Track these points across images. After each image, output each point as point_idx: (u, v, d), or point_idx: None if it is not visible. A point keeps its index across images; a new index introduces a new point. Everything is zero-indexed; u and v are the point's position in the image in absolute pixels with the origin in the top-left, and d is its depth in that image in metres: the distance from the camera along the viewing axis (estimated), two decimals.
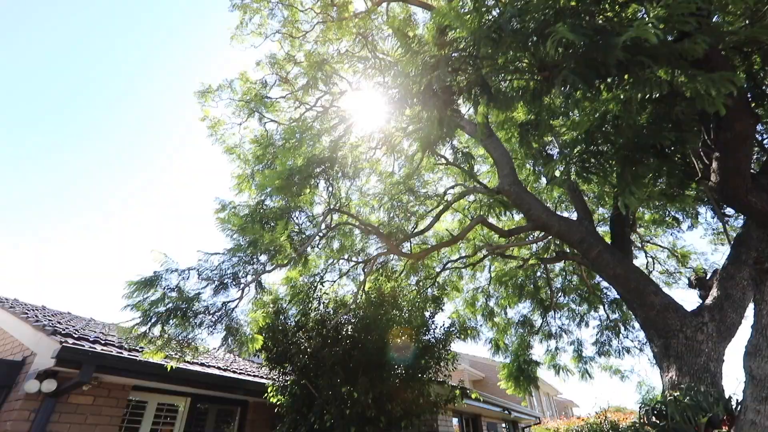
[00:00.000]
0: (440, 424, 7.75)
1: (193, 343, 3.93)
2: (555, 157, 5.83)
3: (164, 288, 3.56)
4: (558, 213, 5.31)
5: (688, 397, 3.33)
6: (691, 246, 9.34)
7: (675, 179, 4.08)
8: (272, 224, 4.06)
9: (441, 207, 6.19)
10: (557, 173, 6.18)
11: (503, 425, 12.60)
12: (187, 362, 4.97)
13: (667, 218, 7.07)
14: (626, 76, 2.12)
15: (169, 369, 4.67)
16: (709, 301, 4.23)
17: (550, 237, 7.46)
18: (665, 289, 5.46)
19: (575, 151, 2.90)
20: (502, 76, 2.43)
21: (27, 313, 6.03)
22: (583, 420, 8.43)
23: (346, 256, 6.40)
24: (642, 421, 3.48)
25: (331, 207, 4.63)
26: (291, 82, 7.10)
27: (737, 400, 3.44)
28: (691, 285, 5.71)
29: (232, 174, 6.08)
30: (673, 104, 2.52)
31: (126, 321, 3.46)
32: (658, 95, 2.40)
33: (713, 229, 8.53)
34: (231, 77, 6.60)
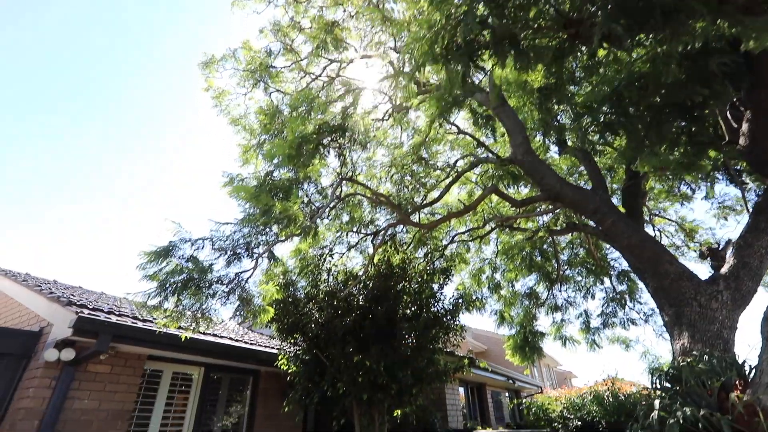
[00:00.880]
0: (447, 392, 7.94)
1: (207, 314, 3.95)
2: (569, 126, 5.69)
3: (179, 258, 3.54)
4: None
5: (701, 362, 3.35)
6: (700, 221, 9.28)
7: (695, 146, 3.97)
8: (281, 195, 4.00)
9: (451, 178, 6.10)
10: (570, 142, 6.08)
11: (506, 394, 12.94)
12: (201, 333, 5.03)
13: (678, 190, 6.95)
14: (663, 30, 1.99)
15: (183, 339, 4.74)
16: (724, 269, 4.20)
17: (559, 210, 7.43)
18: None
19: (601, 109, 2.79)
20: (529, 32, 2.30)
21: (40, 286, 6.10)
22: (582, 389, 8.61)
23: (354, 229, 6.37)
24: (654, 385, 3.51)
25: (343, 176, 4.56)
26: (295, 51, 6.88)
27: (750, 365, 3.47)
28: (702, 256, 5.68)
29: (237, 144, 5.97)
30: (706, 59, 2.39)
31: (141, 291, 3.47)
32: (692, 50, 2.27)
33: (719, 204, 8.44)
34: (234, 47, 6.39)
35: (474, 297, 8.08)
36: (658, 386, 3.49)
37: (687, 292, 4.09)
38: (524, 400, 7.97)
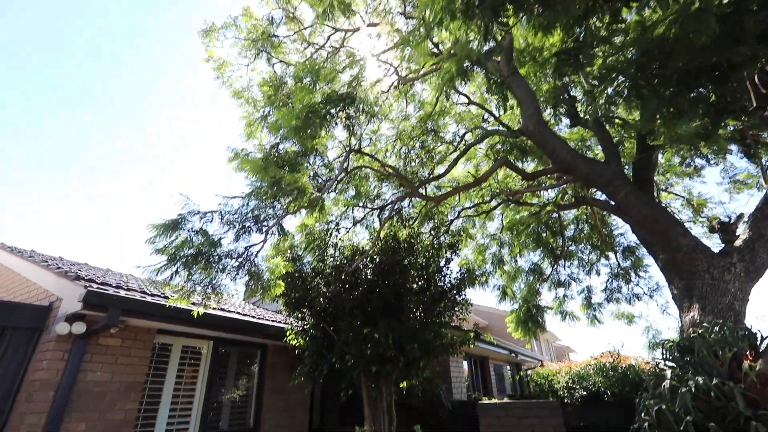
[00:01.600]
0: (452, 365, 8.07)
1: (217, 289, 3.93)
2: (581, 97, 5.52)
3: (188, 231, 3.49)
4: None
5: (713, 333, 3.35)
6: (708, 195, 9.17)
7: (715, 115, 3.84)
8: (287, 169, 3.92)
9: (459, 152, 5.99)
10: (582, 114, 5.92)
11: (508, 367, 13.21)
12: (210, 307, 5.05)
13: (691, 162, 6.82)
14: None
15: (196, 315, 4.74)
16: (738, 242, 4.15)
17: (566, 185, 7.32)
18: None
19: (620, 77, 2.66)
20: None
21: (47, 262, 6.10)
22: (582, 363, 8.75)
23: (361, 203, 6.31)
24: (664, 356, 3.52)
25: (351, 148, 4.45)
26: (298, 19, 6.62)
27: (761, 336, 3.47)
28: (712, 230, 5.61)
29: (240, 117, 5.83)
30: (741, 17, 2.25)
31: (151, 265, 3.43)
32: (726, 6, 2.14)
33: (730, 178, 8.32)
34: (235, 14, 6.13)
35: (478, 272, 8.11)
36: (669, 357, 3.51)
37: (699, 264, 4.06)
38: (530, 372, 8.13)
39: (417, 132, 5.77)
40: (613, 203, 5.37)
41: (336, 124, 4.18)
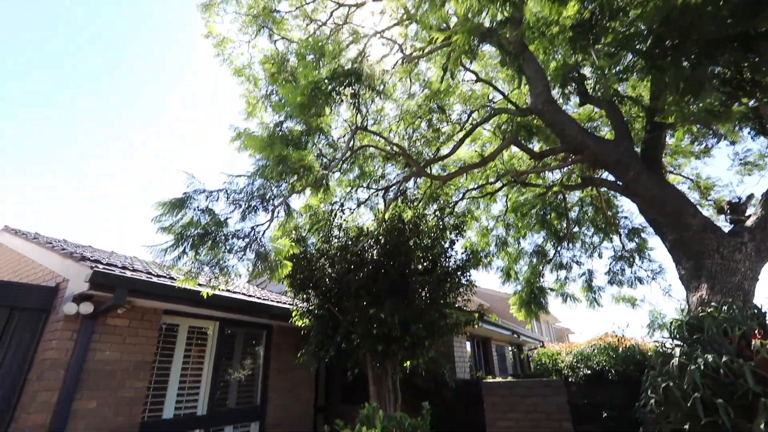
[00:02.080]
0: (456, 346, 8.16)
1: (225, 270, 3.91)
2: (592, 72, 5.38)
3: (194, 210, 3.44)
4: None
5: (723, 312, 3.34)
6: (716, 178, 9.08)
7: (731, 91, 3.74)
8: (291, 148, 3.84)
9: (465, 132, 5.89)
10: (592, 92, 5.78)
11: (509, 348, 13.38)
12: (218, 288, 5.04)
13: (702, 142, 6.70)
14: None
15: (206, 296, 4.74)
16: (749, 222, 4.11)
17: (573, 165, 7.23)
18: None
19: (635, 49, 2.56)
20: None
21: (51, 243, 6.10)
22: (583, 344, 8.82)
23: (365, 184, 6.24)
24: (673, 335, 3.52)
25: (357, 126, 4.36)
26: None
27: None
28: (721, 211, 5.55)
29: (241, 96, 5.71)
30: None
31: (158, 245, 3.40)
32: None
33: (740, 160, 8.22)
34: None
35: (482, 254, 8.10)
36: (677, 335, 3.51)
37: (709, 244, 4.03)
38: (535, 351, 8.25)
39: (423, 110, 5.64)
40: (621, 183, 5.31)
41: (342, 101, 4.08)
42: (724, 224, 5.06)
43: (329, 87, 3.67)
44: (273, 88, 5.05)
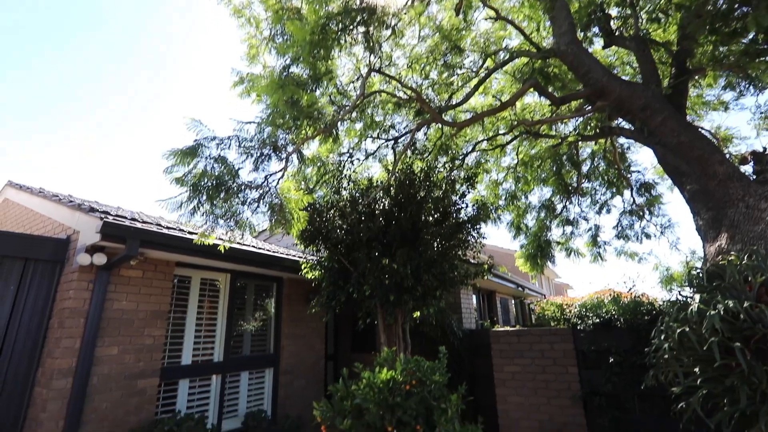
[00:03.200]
0: (463, 297, 8.32)
1: (240, 222, 3.82)
2: (613, 17, 5.00)
3: (206, 158, 3.30)
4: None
5: (745, 260, 3.30)
6: (734, 128, 8.76)
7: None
8: (302, 91, 3.62)
9: (479, 78, 5.58)
10: (618, 33, 5.40)
11: (512, 301, 13.72)
12: (234, 242, 4.99)
13: (736, 86, 6.35)
14: None
15: (223, 250, 4.71)
16: None
17: (590, 115, 6.94)
18: None
19: None
20: None
21: (58, 197, 6.03)
22: (583, 297, 8.96)
23: (375, 134, 6.03)
24: (693, 281, 3.51)
25: (372, 67, 4.10)
26: None
27: None
28: (743, 161, 5.37)
29: (242, 40, 5.35)
30: None
31: (173, 197, 3.29)
32: None
33: (762, 113, 7.87)
34: None
35: (491, 208, 8.02)
36: (696, 283, 3.50)
37: (734, 193, 3.91)
38: (544, 302, 8.43)
39: (438, 52, 5.28)
40: (644, 131, 5.10)
41: (354, 41, 3.79)
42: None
43: (341, 24, 3.39)
44: (277, 29, 4.70)
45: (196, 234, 4.27)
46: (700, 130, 8.77)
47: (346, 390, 3.10)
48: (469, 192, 6.30)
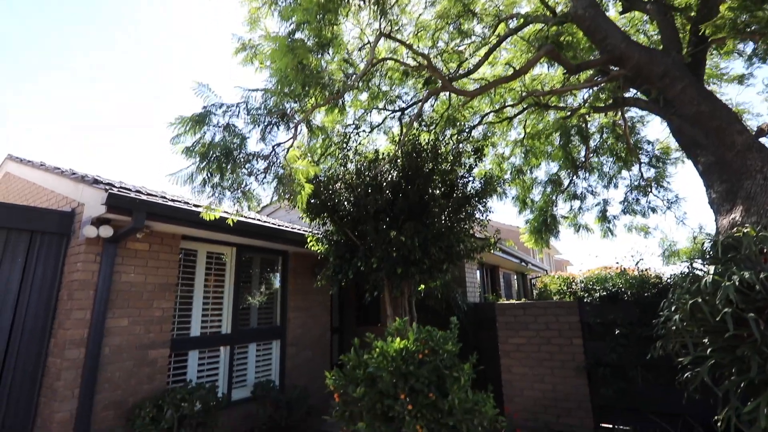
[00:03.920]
0: (467, 272, 8.35)
1: (247, 194, 3.74)
2: None
3: (215, 126, 3.18)
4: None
5: (761, 231, 3.25)
6: (746, 103, 8.55)
7: None
8: (312, 56, 3.47)
9: (489, 47, 5.38)
10: None
11: (514, 276, 13.84)
12: (241, 214, 4.94)
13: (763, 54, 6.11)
14: None
15: (231, 223, 4.67)
16: None
17: (603, 85, 6.74)
18: None
19: None
20: None
21: (60, 169, 5.95)
22: (585, 273, 9.00)
23: (381, 105, 5.87)
24: (708, 253, 3.48)
25: (381, 31, 3.92)
26: None
27: None
28: (760, 134, 5.25)
29: (241, 3, 5.11)
30: None
31: (182, 169, 3.19)
32: None
33: None
34: None
35: (498, 182, 7.93)
36: (710, 255, 3.47)
37: (752, 164, 3.82)
38: (548, 277, 8.50)
39: (449, 16, 5.04)
40: (660, 101, 4.95)
41: (362, 3, 3.61)
42: None
43: None
44: None
45: (201, 207, 4.21)
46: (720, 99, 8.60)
47: (358, 359, 3.12)
48: (476, 165, 6.20)
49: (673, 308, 3.49)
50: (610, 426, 5.06)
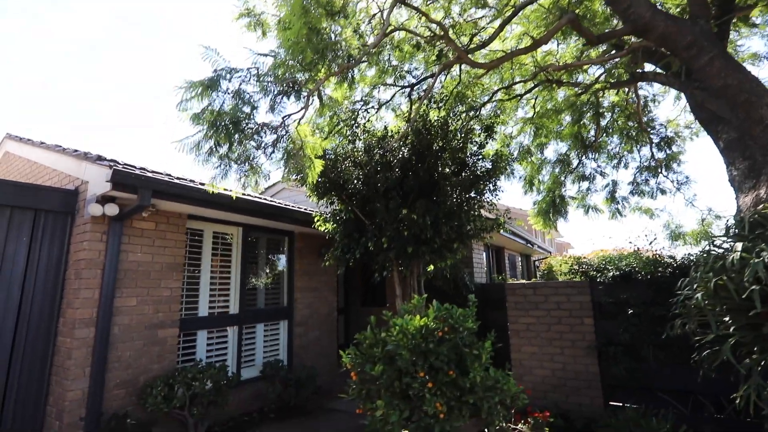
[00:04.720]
0: (474, 253, 8.30)
1: (255, 168, 3.61)
2: None
3: (224, 92, 3.03)
4: None
5: None
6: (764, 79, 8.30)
7: None
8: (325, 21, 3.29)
9: (503, 18, 5.16)
10: None
11: (519, 258, 13.82)
12: (245, 189, 4.85)
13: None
14: None
15: (234, 198, 4.57)
16: None
17: (617, 60, 6.52)
18: None
19: None
20: None
21: (61, 147, 5.80)
22: (585, 257, 8.96)
23: (390, 80, 5.68)
24: (733, 231, 3.38)
25: None
26: None
27: None
28: None
29: None
30: None
31: (189, 136, 3.04)
32: None
33: None
34: None
35: (508, 159, 7.79)
36: (733, 233, 3.38)
37: None
38: (556, 259, 8.46)
39: None
40: (679, 76, 4.77)
41: None
42: None
43: None
44: None
45: (207, 184, 4.10)
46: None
47: (375, 337, 3.07)
48: (487, 142, 6.05)
49: (694, 286, 3.42)
50: (620, 404, 5.07)
